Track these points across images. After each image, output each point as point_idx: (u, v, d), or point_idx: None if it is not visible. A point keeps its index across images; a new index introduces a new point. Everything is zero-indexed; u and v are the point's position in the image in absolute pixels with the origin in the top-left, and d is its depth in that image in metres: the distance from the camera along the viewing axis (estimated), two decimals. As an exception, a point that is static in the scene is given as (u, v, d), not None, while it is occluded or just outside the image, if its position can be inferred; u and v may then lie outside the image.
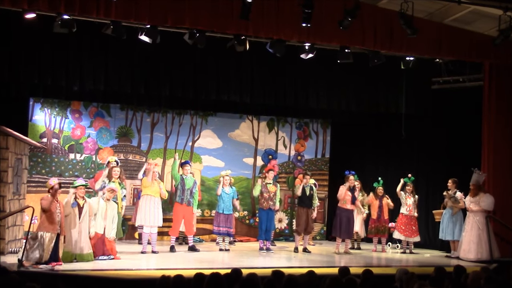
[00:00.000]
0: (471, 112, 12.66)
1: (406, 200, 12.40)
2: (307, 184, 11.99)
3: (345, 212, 11.98)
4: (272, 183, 11.94)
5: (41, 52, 10.59)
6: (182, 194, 11.37)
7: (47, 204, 9.03)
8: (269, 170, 12.20)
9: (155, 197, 11.01)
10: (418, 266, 10.74)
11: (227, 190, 11.69)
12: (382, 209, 12.51)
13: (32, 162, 11.98)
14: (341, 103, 12.76)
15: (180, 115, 13.40)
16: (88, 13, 9.70)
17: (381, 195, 12.54)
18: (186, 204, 11.38)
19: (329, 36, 10.92)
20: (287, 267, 9.94)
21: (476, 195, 11.64)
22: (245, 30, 10.44)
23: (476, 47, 11.71)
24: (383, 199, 12.53)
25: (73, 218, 9.56)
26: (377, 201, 12.53)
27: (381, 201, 12.52)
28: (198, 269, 6.65)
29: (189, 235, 11.58)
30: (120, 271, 8.98)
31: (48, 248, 8.99)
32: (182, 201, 11.37)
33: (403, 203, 12.47)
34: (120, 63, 11.18)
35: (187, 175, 11.48)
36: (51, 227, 9.06)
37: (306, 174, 12.18)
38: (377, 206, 12.51)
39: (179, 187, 11.38)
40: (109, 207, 10.07)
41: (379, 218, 12.50)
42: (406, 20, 10.15)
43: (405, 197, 12.41)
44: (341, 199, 12.01)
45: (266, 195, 11.84)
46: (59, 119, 12.46)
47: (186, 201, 11.39)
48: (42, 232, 9.03)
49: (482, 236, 11.48)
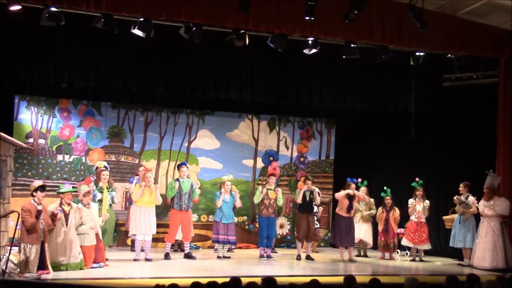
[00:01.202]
0: (485, 111, 12.64)
1: (415, 206, 12.35)
2: (307, 189, 11.98)
3: (343, 219, 12.02)
4: (273, 189, 11.93)
5: (27, 46, 10.54)
6: (179, 201, 11.34)
7: (31, 226, 8.96)
8: (270, 175, 12.18)
9: (147, 207, 11.01)
10: (429, 275, 10.72)
11: (227, 197, 11.68)
12: (390, 222, 12.48)
13: (17, 164, 11.96)
14: (346, 101, 12.74)
15: (175, 114, 13.40)
16: (77, 5, 9.69)
17: (389, 207, 12.51)
18: (185, 210, 11.38)
19: (333, 30, 10.92)
20: (289, 276, 9.98)
21: (491, 199, 11.63)
22: (245, 23, 10.44)
23: (491, 41, 11.71)
24: (390, 212, 12.49)
25: (59, 227, 9.51)
26: (384, 214, 12.50)
27: (389, 214, 12.49)
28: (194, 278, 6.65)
29: (186, 241, 11.57)
30: (112, 280, 8.96)
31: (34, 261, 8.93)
32: (181, 207, 11.35)
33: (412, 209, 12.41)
34: (112, 59, 11.15)
35: (184, 178, 11.46)
36: (33, 238, 8.99)
37: (308, 179, 12.15)
38: (384, 219, 12.49)
39: (176, 193, 11.37)
40: (93, 211, 10.05)
41: (387, 231, 12.47)
42: (416, 13, 10.14)
43: (414, 203, 12.36)
44: (338, 203, 12.07)
45: (266, 202, 11.84)
46: (46, 118, 12.45)
47: (185, 207, 11.37)
48: (25, 244, 8.96)
49: (497, 242, 11.45)
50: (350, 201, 12.02)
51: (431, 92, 13.00)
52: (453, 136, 13.16)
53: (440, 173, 13.31)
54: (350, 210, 12.05)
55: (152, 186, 11.00)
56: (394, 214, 12.52)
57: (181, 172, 11.48)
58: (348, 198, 11.99)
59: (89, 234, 9.86)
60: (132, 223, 11.05)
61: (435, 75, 12.98)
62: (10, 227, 10.57)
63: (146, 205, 10.96)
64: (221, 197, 11.60)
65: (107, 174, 10.80)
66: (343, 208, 12.02)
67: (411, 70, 12.47)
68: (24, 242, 8.98)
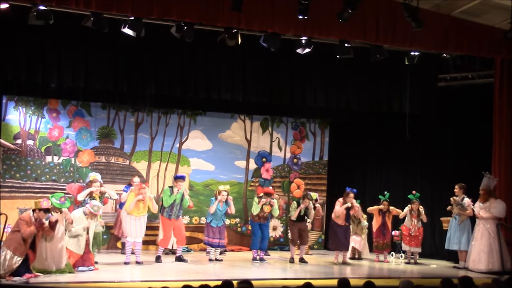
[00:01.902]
0: (480, 111, 12.67)
1: (411, 220, 12.37)
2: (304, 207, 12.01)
3: (339, 227, 12.13)
4: (267, 204, 11.92)
5: (15, 46, 10.51)
6: (170, 211, 11.31)
7: (29, 235, 8.94)
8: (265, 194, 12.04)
9: (139, 216, 11.02)
10: (424, 278, 10.76)
11: (221, 205, 11.68)
12: (386, 225, 12.52)
13: (5, 165, 11.92)
14: (340, 101, 12.75)
15: (166, 114, 13.38)
16: (66, 4, 9.68)
17: (385, 210, 12.55)
18: (174, 219, 11.36)
19: (327, 29, 10.92)
20: (282, 279, 9.98)
21: (486, 201, 11.66)
22: (237, 22, 10.43)
23: (486, 41, 11.74)
24: (386, 215, 12.52)
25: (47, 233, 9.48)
26: (380, 217, 12.54)
27: (384, 217, 12.52)
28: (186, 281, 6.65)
29: (181, 245, 11.56)
30: (102, 284, 8.95)
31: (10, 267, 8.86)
32: (170, 217, 11.33)
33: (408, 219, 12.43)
34: (102, 58, 11.12)
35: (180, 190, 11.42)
36: (19, 249, 8.92)
37: (307, 198, 12.11)
38: (380, 223, 12.52)
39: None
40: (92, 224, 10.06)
41: (383, 235, 12.51)
42: (411, 12, 10.15)
43: (410, 217, 12.38)
44: (335, 212, 12.14)
45: (260, 214, 11.89)
46: (34, 118, 12.40)
47: (175, 216, 11.36)
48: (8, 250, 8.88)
49: (493, 245, 11.48)
50: (347, 211, 12.10)
51: (426, 92, 13.01)
52: (448, 137, 13.19)
53: (434, 174, 13.35)
54: (347, 220, 12.17)
55: (147, 199, 11.04)
56: (390, 215, 12.55)
57: (178, 185, 11.40)
58: (346, 208, 12.06)
59: (82, 237, 9.83)
60: (123, 226, 11.08)
61: (430, 75, 13.01)
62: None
63: (138, 215, 11.03)
64: (215, 204, 11.60)
65: (98, 185, 10.82)
66: (340, 217, 12.08)
67: (405, 70, 12.50)
68: (8, 248, 8.88)
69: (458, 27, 11.58)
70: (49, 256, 9.44)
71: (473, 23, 11.68)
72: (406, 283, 6.36)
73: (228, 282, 6.11)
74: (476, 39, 11.73)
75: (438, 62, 12.86)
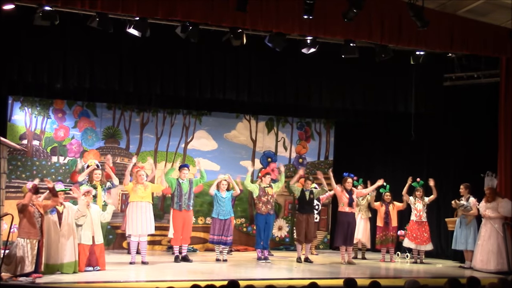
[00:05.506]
0: (486, 110, 12.65)
1: (415, 204, 12.41)
2: (307, 189, 11.99)
3: (345, 216, 12.00)
4: (269, 186, 11.93)
5: (21, 46, 10.54)
6: (179, 200, 11.33)
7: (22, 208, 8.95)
8: (265, 174, 12.15)
9: (143, 202, 10.99)
10: (430, 278, 10.75)
11: (224, 193, 11.68)
12: (390, 215, 12.53)
13: (11, 165, 11.94)
14: (345, 101, 12.74)
15: (172, 114, 13.40)
16: (72, 4, 9.69)
17: (388, 202, 12.56)
18: (185, 210, 11.36)
19: (332, 29, 10.90)
20: (288, 279, 9.98)
21: (493, 200, 11.61)
22: (242, 22, 10.42)
23: (492, 40, 11.71)
24: (389, 206, 12.54)
25: (53, 227, 9.51)
26: (383, 207, 12.54)
27: (388, 207, 12.53)
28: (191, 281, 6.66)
29: (185, 243, 11.55)
30: (107, 284, 8.96)
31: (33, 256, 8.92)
32: (181, 207, 11.32)
33: (413, 208, 12.48)
34: (107, 59, 11.14)
35: (184, 179, 11.44)
36: (32, 232, 9.00)
37: (308, 179, 12.16)
38: (383, 212, 12.53)
39: (176, 193, 11.35)
40: (92, 212, 10.04)
41: (387, 226, 12.51)
42: (416, 11, 10.14)
43: (414, 201, 12.42)
44: (339, 201, 12.10)
45: (265, 199, 11.82)
46: (40, 119, 12.44)
47: (185, 206, 11.36)
48: (22, 238, 8.96)
49: (501, 245, 11.43)
50: (350, 195, 12.03)
51: (432, 91, 13.00)
52: (453, 136, 13.17)
53: (440, 174, 13.30)
54: (351, 204, 12.04)
55: (146, 183, 11.06)
56: (394, 207, 12.55)
57: (182, 173, 11.45)
58: (348, 193, 12.01)
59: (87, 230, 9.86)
60: (129, 223, 11.04)
61: (435, 75, 12.99)
62: (4, 230, 10.56)
63: (141, 199, 10.97)
64: (214, 186, 11.73)
65: (99, 173, 10.90)
66: (344, 204, 12.01)
67: (411, 69, 12.46)
68: (22, 236, 8.96)
69: (463, 26, 11.56)
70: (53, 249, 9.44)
71: (478, 22, 11.65)
72: (412, 283, 6.35)
73: (234, 282, 6.11)
74: (482, 39, 11.70)
75: (443, 61, 12.84)
